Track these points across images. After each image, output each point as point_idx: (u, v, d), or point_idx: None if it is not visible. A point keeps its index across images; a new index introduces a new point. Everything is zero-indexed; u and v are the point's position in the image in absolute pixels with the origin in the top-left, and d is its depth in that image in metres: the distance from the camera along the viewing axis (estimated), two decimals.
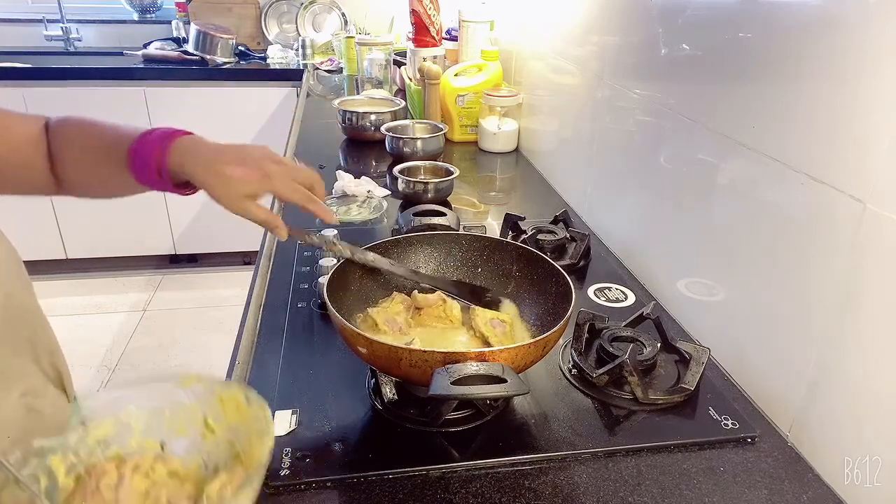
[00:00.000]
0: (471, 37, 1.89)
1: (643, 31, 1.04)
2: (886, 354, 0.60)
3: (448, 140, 1.80)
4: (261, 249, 1.14)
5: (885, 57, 0.58)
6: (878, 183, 0.59)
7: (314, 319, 0.91)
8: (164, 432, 0.57)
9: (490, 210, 1.38)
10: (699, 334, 0.91)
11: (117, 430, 0.55)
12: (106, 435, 0.54)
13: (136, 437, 0.55)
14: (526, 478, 0.65)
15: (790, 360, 0.72)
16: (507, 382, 0.62)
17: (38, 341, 0.71)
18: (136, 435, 0.56)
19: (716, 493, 0.64)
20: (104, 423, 0.54)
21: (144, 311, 2.83)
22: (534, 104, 1.68)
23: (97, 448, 0.53)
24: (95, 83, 2.69)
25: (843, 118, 0.63)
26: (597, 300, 1.00)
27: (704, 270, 0.90)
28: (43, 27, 3.12)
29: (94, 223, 2.88)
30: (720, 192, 0.85)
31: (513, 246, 0.88)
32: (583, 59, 1.32)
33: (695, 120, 0.90)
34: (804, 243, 0.69)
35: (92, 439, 0.53)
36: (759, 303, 0.78)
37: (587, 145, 1.30)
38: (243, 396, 0.56)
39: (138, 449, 0.55)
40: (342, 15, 3.21)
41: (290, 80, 2.83)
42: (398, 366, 0.65)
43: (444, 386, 0.60)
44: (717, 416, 0.74)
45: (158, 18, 3.34)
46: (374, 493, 0.63)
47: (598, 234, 1.24)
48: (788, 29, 0.70)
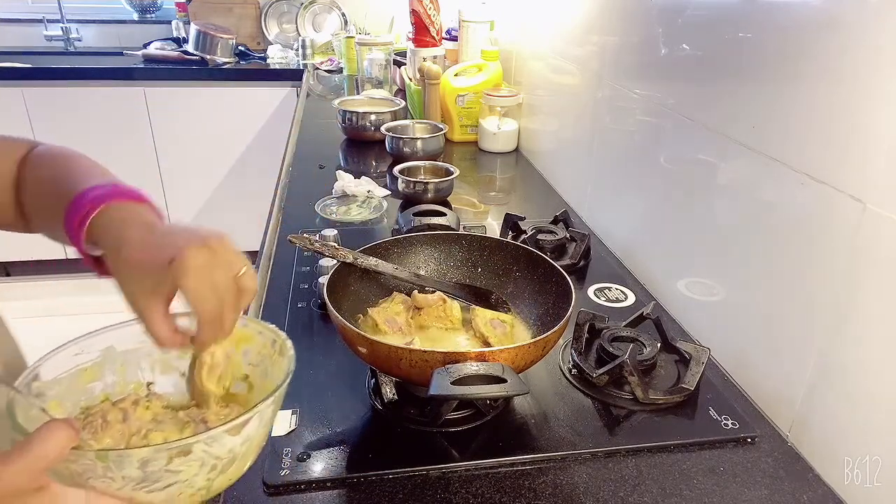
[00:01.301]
0: (471, 37, 1.89)
1: (643, 31, 1.04)
2: (886, 354, 0.60)
3: (448, 140, 1.80)
4: (261, 249, 1.14)
5: (884, 57, 0.58)
6: (878, 183, 0.59)
7: (314, 319, 0.91)
8: (149, 371, 0.57)
9: (490, 210, 1.38)
10: (699, 334, 0.91)
11: (102, 373, 0.54)
12: (92, 379, 0.54)
13: (121, 380, 0.55)
14: (526, 478, 0.65)
15: (790, 360, 0.72)
16: (507, 382, 0.62)
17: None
18: (122, 378, 0.55)
19: (716, 493, 0.64)
20: (90, 368, 0.54)
21: None
22: (534, 104, 1.68)
23: (86, 392, 0.53)
24: (95, 83, 2.69)
25: (843, 118, 0.63)
26: (597, 300, 1.00)
27: (704, 270, 0.90)
28: (43, 27, 3.12)
29: None
30: (720, 192, 0.85)
31: (513, 246, 0.88)
32: (583, 59, 1.32)
33: (695, 120, 0.90)
34: (804, 243, 0.69)
35: (80, 384, 0.53)
36: (759, 303, 0.78)
37: (587, 145, 1.30)
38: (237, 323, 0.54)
39: (124, 392, 0.54)
40: (342, 15, 3.21)
41: (290, 80, 2.84)
42: (398, 366, 0.65)
43: (444, 386, 0.60)
44: (717, 416, 0.74)
45: (158, 18, 3.35)
46: (374, 493, 0.63)
47: (598, 234, 1.24)
48: (788, 29, 0.70)
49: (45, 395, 0.50)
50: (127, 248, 0.49)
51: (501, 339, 0.78)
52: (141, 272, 0.49)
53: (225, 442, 0.44)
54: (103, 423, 0.48)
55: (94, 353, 0.54)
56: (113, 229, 0.52)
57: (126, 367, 0.56)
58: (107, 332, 0.55)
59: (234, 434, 0.44)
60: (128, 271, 0.49)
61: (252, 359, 0.56)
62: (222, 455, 0.44)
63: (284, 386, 0.49)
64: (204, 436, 0.43)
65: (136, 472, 0.41)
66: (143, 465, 0.41)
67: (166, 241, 0.49)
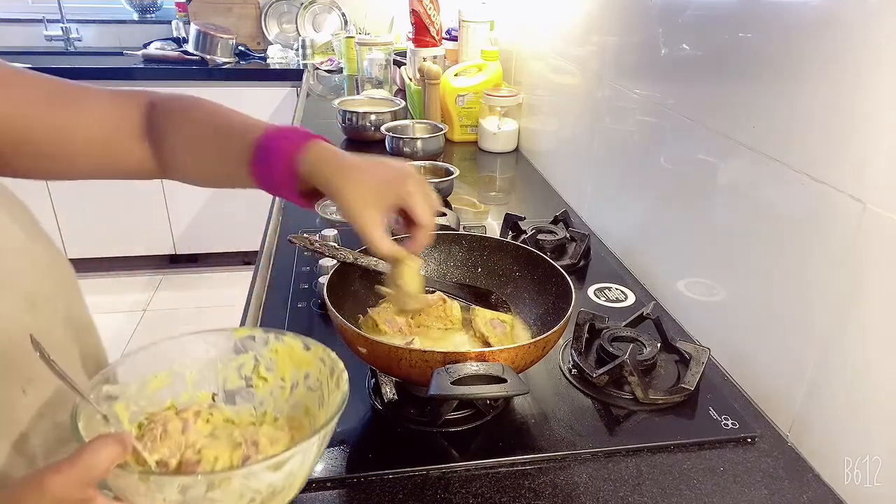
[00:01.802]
0: (471, 37, 1.88)
1: (643, 31, 1.04)
2: (886, 354, 0.60)
3: (448, 140, 1.80)
4: (261, 249, 1.14)
5: (885, 57, 0.58)
6: (878, 183, 0.59)
7: (314, 319, 0.91)
8: (215, 383, 0.58)
9: (490, 210, 1.38)
10: (699, 334, 0.91)
11: (172, 381, 0.56)
12: (161, 386, 0.55)
13: (189, 389, 0.56)
14: (526, 478, 0.65)
15: (790, 360, 0.72)
16: (507, 382, 0.62)
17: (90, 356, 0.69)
18: (190, 387, 0.56)
19: (716, 493, 0.64)
20: (160, 375, 0.55)
21: (144, 311, 2.83)
22: (534, 104, 1.68)
23: (154, 398, 0.54)
24: (95, 83, 2.68)
25: (843, 118, 0.63)
26: (597, 300, 1.00)
27: (704, 270, 0.90)
28: (43, 27, 3.12)
29: (94, 223, 2.88)
30: (720, 192, 0.85)
31: (513, 246, 0.88)
32: (583, 59, 1.32)
33: (695, 120, 0.90)
34: (804, 243, 0.69)
35: (149, 390, 0.54)
36: (759, 303, 0.78)
37: (587, 145, 1.30)
38: (300, 344, 0.56)
39: (190, 401, 0.56)
40: (342, 15, 3.21)
41: (290, 80, 2.83)
42: (398, 366, 0.65)
43: (445, 386, 0.60)
44: (717, 416, 0.74)
45: (158, 18, 3.34)
46: (374, 493, 0.63)
47: (598, 234, 1.24)
48: (788, 29, 0.70)
49: (116, 398, 0.51)
50: (350, 172, 0.59)
51: (501, 338, 0.78)
52: (366, 189, 0.59)
53: (264, 477, 0.44)
54: (163, 433, 0.50)
55: (166, 360, 0.55)
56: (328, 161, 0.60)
57: (195, 376, 0.57)
58: (181, 339, 0.56)
59: (274, 470, 0.44)
60: (355, 190, 0.59)
61: (311, 383, 0.56)
62: (262, 489, 0.44)
63: (333, 422, 0.48)
64: (244, 470, 0.44)
65: (177, 496, 0.42)
66: (184, 491, 0.42)
67: (379, 165, 0.62)
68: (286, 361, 0.57)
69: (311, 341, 0.56)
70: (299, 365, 0.57)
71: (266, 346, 0.58)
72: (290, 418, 0.56)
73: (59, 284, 0.60)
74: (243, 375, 0.58)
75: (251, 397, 0.58)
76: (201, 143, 0.67)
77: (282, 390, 0.57)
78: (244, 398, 0.58)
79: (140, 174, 0.69)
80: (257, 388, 0.58)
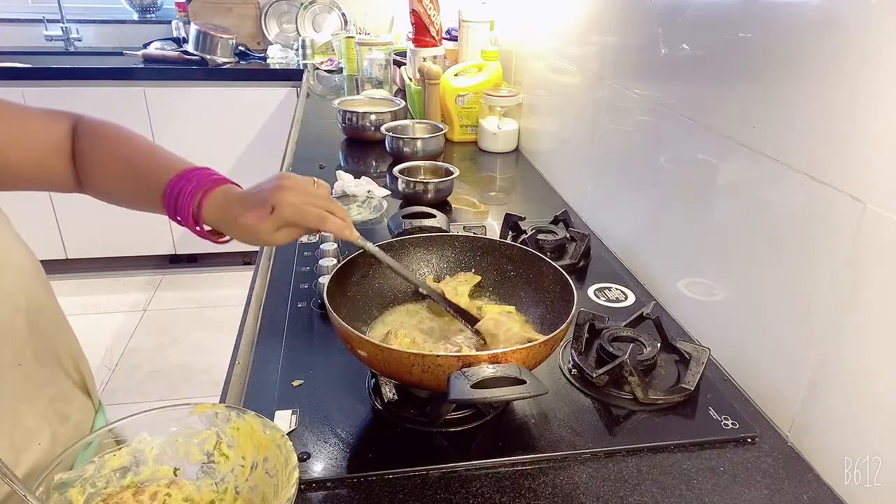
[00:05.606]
0: (471, 37, 1.89)
1: (643, 31, 1.04)
2: (886, 354, 0.60)
3: (448, 140, 1.80)
4: (261, 249, 1.14)
5: (885, 57, 0.57)
6: (878, 183, 0.59)
7: (314, 319, 0.91)
8: (177, 458, 0.58)
9: (490, 210, 1.38)
10: (699, 334, 0.91)
11: (132, 458, 0.56)
12: (121, 464, 0.56)
13: (149, 464, 0.57)
14: (526, 478, 0.65)
15: (790, 360, 0.72)
16: (527, 384, 0.60)
17: (61, 345, 0.71)
18: (150, 462, 0.57)
19: (716, 493, 0.64)
20: (119, 454, 0.56)
21: (144, 311, 2.83)
22: (534, 104, 1.68)
23: (113, 478, 0.55)
24: (95, 83, 2.69)
25: (843, 118, 0.63)
26: (597, 300, 1.00)
27: (704, 270, 0.90)
28: (43, 27, 3.12)
29: (94, 223, 2.88)
30: (720, 192, 0.85)
31: (507, 246, 0.88)
32: (583, 59, 1.32)
33: (695, 120, 0.90)
34: (804, 243, 0.69)
35: (108, 469, 0.55)
36: (759, 303, 0.78)
37: (587, 145, 1.30)
38: (260, 424, 0.57)
39: (152, 477, 0.56)
40: (342, 15, 3.21)
41: (290, 80, 2.84)
42: (409, 372, 0.63)
43: (465, 390, 0.58)
44: (717, 416, 0.74)
45: (158, 18, 3.35)
46: (374, 493, 0.63)
47: (598, 234, 1.24)
48: (788, 29, 0.70)
49: (72, 484, 0.52)
50: (240, 219, 0.66)
51: (512, 328, 0.77)
52: (256, 227, 0.66)
53: None
54: None
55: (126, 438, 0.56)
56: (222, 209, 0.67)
57: (156, 451, 0.58)
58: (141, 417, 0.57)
59: None
60: (246, 231, 0.66)
61: (269, 468, 0.56)
62: None
63: None
64: None
65: None
66: None
67: (258, 199, 0.66)
68: (247, 440, 0.58)
69: (271, 424, 0.57)
70: (258, 447, 0.57)
71: (228, 423, 0.58)
72: (247, 501, 0.56)
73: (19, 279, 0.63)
74: (205, 451, 0.59)
75: (213, 473, 0.58)
76: (120, 175, 0.73)
77: (242, 469, 0.58)
78: (206, 473, 0.58)
79: (65, 189, 0.74)
80: (219, 464, 0.58)
